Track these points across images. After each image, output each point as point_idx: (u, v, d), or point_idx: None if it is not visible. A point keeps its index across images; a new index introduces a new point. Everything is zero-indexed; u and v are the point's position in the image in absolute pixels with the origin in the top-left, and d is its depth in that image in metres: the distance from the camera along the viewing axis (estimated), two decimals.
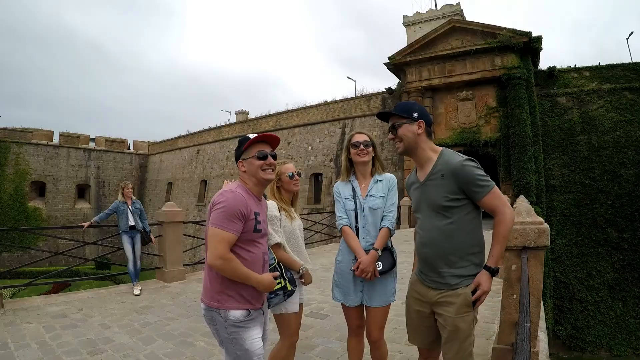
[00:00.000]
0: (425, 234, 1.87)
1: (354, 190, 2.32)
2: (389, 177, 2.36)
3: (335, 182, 2.45)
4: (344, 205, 2.34)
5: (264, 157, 1.79)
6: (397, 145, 1.89)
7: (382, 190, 2.29)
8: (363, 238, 2.24)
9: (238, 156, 1.83)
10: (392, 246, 2.29)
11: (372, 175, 2.35)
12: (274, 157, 1.85)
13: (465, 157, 1.79)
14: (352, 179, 2.36)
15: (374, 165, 2.35)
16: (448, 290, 1.77)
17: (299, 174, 2.46)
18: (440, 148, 1.88)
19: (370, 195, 2.28)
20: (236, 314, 1.68)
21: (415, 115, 1.84)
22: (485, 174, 1.76)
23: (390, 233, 2.25)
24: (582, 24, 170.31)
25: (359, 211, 2.28)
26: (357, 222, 2.28)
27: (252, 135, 1.82)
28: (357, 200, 2.30)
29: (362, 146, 2.27)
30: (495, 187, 1.77)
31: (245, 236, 1.72)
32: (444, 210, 1.77)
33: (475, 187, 1.73)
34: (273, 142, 1.86)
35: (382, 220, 2.25)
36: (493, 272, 1.72)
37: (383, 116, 1.98)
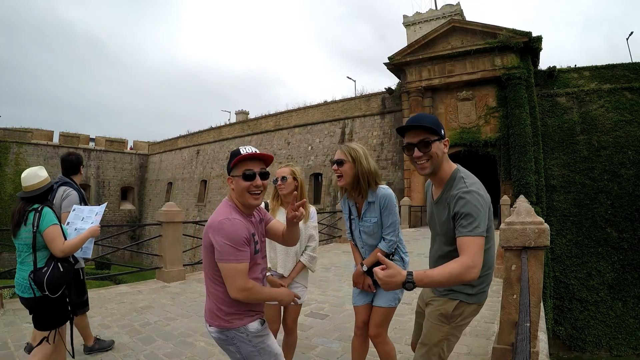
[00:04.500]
0: (432, 250, 1.88)
1: (350, 210, 2.26)
2: (381, 196, 2.13)
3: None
4: (345, 222, 2.35)
5: (251, 177, 1.62)
6: (423, 165, 1.66)
7: (375, 212, 2.15)
8: (364, 255, 2.27)
9: (229, 171, 1.68)
10: (392, 255, 2.24)
11: (363, 194, 2.15)
12: (264, 176, 1.66)
13: (474, 188, 1.60)
14: (346, 198, 2.26)
15: (360, 183, 2.10)
16: (437, 295, 1.80)
17: (283, 179, 2.43)
18: (454, 167, 1.73)
19: (364, 220, 2.19)
20: (255, 325, 1.68)
21: (443, 132, 1.66)
22: (481, 220, 1.54)
23: (387, 253, 2.18)
24: (594, 18, 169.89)
25: (355, 232, 2.27)
26: (355, 241, 2.30)
27: (243, 150, 1.63)
28: (354, 222, 2.25)
29: (335, 165, 2.11)
30: (481, 239, 1.54)
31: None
32: (449, 236, 1.67)
33: (460, 222, 1.56)
34: (266, 159, 1.68)
35: (381, 240, 2.21)
36: (406, 282, 1.37)
37: (403, 130, 1.70)
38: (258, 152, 1.65)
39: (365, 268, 2.18)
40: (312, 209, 2.63)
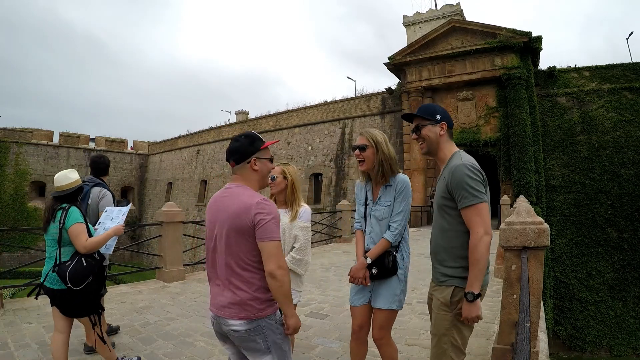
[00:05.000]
0: (432, 228, 1.99)
1: (366, 195, 2.28)
2: (399, 181, 2.18)
3: (355, 181, 2.45)
4: (358, 209, 2.33)
5: (272, 162, 1.76)
6: (421, 145, 1.96)
7: (389, 197, 2.18)
8: (368, 244, 2.23)
9: (251, 152, 1.67)
10: (395, 252, 2.18)
11: (383, 178, 2.18)
12: None
13: (467, 162, 1.75)
14: (367, 183, 2.28)
15: (382, 167, 2.16)
16: (437, 285, 1.87)
17: (272, 178, 2.46)
18: (456, 150, 1.91)
19: (377, 204, 2.21)
20: (279, 312, 1.69)
21: (438, 117, 1.90)
22: (478, 187, 1.71)
23: (391, 244, 2.15)
24: (594, 18, 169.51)
25: (367, 218, 2.26)
26: (366, 227, 2.28)
27: (259, 135, 1.77)
28: (368, 207, 2.26)
29: (357, 150, 2.18)
30: (483, 204, 1.71)
31: None
32: (442, 209, 1.84)
33: (459, 194, 1.72)
34: None
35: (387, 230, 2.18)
36: (468, 297, 1.68)
37: (408, 117, 2.02)
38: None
39: (369, 260, 2.13)
40: (304, 208, 2.56)
